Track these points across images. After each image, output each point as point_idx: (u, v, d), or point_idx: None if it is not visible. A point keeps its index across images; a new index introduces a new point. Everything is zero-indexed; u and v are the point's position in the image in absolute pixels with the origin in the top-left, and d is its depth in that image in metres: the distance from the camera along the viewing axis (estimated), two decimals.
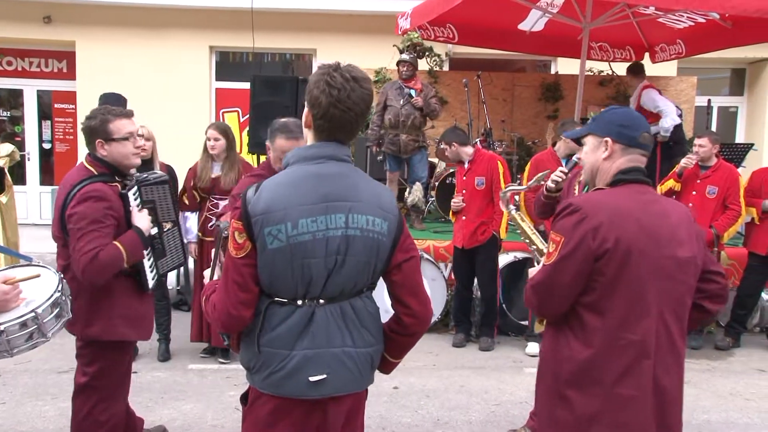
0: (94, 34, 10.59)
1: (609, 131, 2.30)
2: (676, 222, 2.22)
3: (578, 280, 2.14)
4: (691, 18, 7.63)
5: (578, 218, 2.14)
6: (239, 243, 2.01)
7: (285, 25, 10.57)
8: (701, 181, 6.00)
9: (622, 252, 2.10)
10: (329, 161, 2.06)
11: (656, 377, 2.17)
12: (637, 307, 2.13)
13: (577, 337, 2.19)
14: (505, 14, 8.03)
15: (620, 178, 2.26)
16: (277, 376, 2.04)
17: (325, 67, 2.04)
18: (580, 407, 2.17)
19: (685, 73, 10.43)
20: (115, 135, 3.07)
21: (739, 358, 5.97)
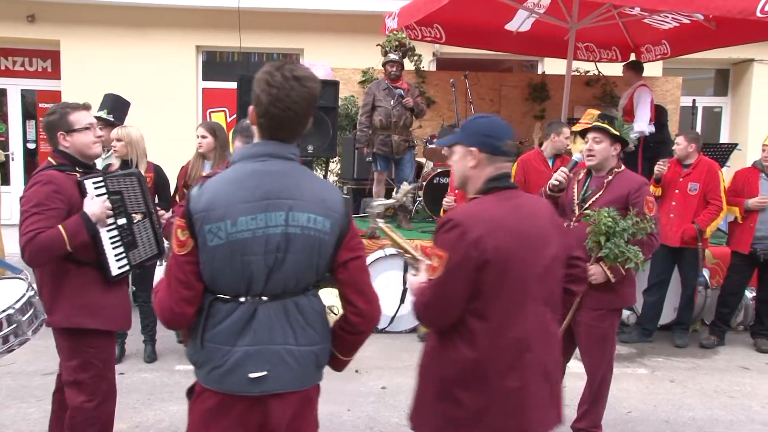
0: (79, 33, 10.52)
1: (475, 141, 2.40)
2: (542, 221, 2.40)
3: (466, 290, 2.26)
4: (676, 19, 7.69)
5: (460, 233, 2.24)
6: (182, 240, 2.03)
7: (272, 25, 10.55)
8: (683, 179, 6.07)
9: (501, 260, 2.25)
10: (272, 159, 2.08)
11: (544, 365, 2.37)
12: (517, 308, 2.29)
13: (462, 340, 2.30)
14: (492, 14, 8.05)
15: (492, 186, 2.39)
16: (219, 371, 2.06)
17: (270, 66, 2.07)
18: (470, 404, 2.31)
19: (670, 73, 10.52)
20: (76, 126, 3.14)
21: (723, 356, 6.03)
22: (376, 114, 7.09)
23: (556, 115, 8.06)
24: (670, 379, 5.37)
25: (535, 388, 2.33)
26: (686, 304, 6.27)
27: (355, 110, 8.86)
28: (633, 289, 3.90)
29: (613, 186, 3.77)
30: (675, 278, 6.27)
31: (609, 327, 3.78)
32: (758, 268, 6.15)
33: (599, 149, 3.81)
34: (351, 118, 8.80)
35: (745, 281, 6.24)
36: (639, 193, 3.71)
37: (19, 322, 2.85)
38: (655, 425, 4.49)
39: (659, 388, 5.15)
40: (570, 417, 4.08)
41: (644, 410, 4.72)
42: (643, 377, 5.39)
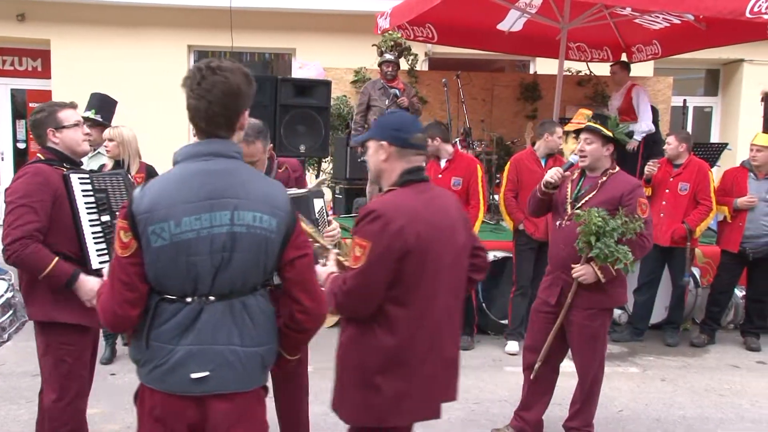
0: (70, 32, 10.47)
1: (385, 135, 2.52)
2: (452, 212, 2.57)
3: (387, 279, 2.37)
4: (667, 19, 7.74)
5: (383, 223, 2.35)
6: (125, 242, 2.01)
7: (264, 25, 10.53)
8: (674, 178, 6.09)
9: (421, 248, 2.39)
10: (216, 158, 2.06)
11: (451, 351, 2.58)
12: (433, 295, 2.46)
13: (382, 328, 2.41)
14: (484, 14, 8.08)
15: (407, 179, 2.50)
16: (161, 370, 2.04)
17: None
18: (390, 390, 2.42)
19: (661, 73, 10.57)
20: (65, 122, 3.17)
21: (713, 354, 6.06)
22: (371, 114, 7.10)
23: (548, 114, 8.09)
24: (661, 377, 5.40)
25: (442, 372, 2.52)
26: (677, 303, 6.30)
27: (347, 110, 8.86)
28: (624, 289, 3.92)
29: (607, 187, 3.77)
30: (665, 277, 6.30)
31: (600, 326, 3.79)
32: (747, 266, 6.19)
33: (590, 150, 3.82)
34: (343, 118, 8.79)
35: (735, 280, 6.28)
36: (632, 195, 3.72)
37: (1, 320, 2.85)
38: (646, 424, 4.51)
39: (650, 387, 5.17)
40: (561, 416, 4.11)
41: (635, 409, 4.75)
42: (634, 376, 5.41)
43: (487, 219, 7.81)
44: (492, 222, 7.66)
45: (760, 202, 5.98)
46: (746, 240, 6.02)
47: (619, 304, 3.98)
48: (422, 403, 2.48)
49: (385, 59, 7.17)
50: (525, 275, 5.79)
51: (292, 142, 6.20)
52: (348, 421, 2.55)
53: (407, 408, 2.44)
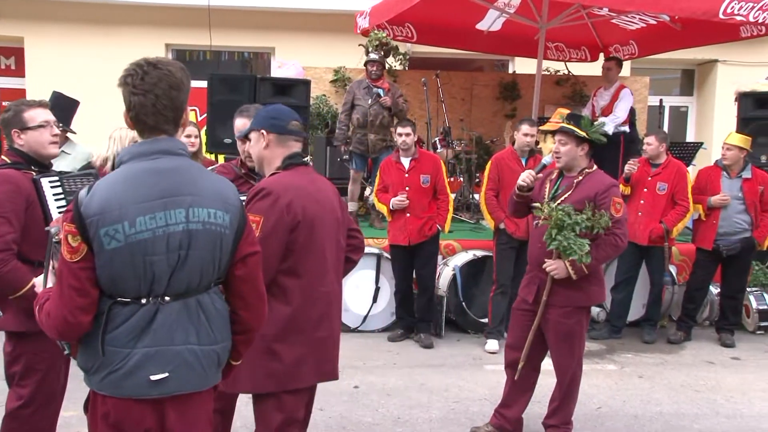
0: (44, 30, 10.31)
1: (263, 124, 2.73)
2: (330, 194, 2.81)
3: (280, 251, 2.58)
4: (643, 20, 7.83)
5: (273, 199, 2.56)
6: (73, 246, 1.93)
7: (243, 23, 10.46)
8: (652, 178, 6.16)
9: (308, 221, 2.61)
10: (164, 156, 2.03)
11: (337, 320, 2.82)
12: (322, 265, 2.68)
13: (277, 298, 2.58)
14: (464, 14, 8.10)
15: (289, 163, 2.72)
16: (116, 375, 1.97)
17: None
18: (289, 355, 2.61)
19: (638, 73, 10.68)
20: (30, 123, 3.08)
21: (690, 351, 6.14)
22: (354, 112, 7.11)
23: (527, 114, 8.13)
24: (639, 374, 5.46)
25: (334, 338, 2.77)
26: (654, 301, 6.38)
27: (326, 109, 8.85)
28: (602, 288, 3.95)
29: (582, 186, 3.81)
30: (643, 275, 6.37)
31: (576, 324, 3.82)
32: (722, 264, 6.29)
33: (565, 151, 3.86)
34: (323, 118, 8.78)
35: (710, 277, 6.37)
36: (606, 194, 3.75)
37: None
38: (624, 420, 4.56)
39: (628, 384, 5.23)
40: (541, 414, 4.14)
41: (613, 406, 4.80)
42: (612, 373, 5.47)
43: (467, 218, 7.86)
44: (472, 221, 7.70)
45: (733, 200, 6.08)
46: (720, 237, 6.11)
47: (596, 302, 4.01)
48: (319, 365, 2.70)
49: (370, 59, 7.18)
50: (505, 274, 5.83)
51: None
52: (250, 390, 2.67)
53: (306, 371, 2.65)
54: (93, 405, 2.05)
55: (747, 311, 6.72)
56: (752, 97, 7.14)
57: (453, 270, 6.24)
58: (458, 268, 6.23)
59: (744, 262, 6.26)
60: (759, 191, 6.12)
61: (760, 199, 6.13)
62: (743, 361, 5.90)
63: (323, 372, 2.74)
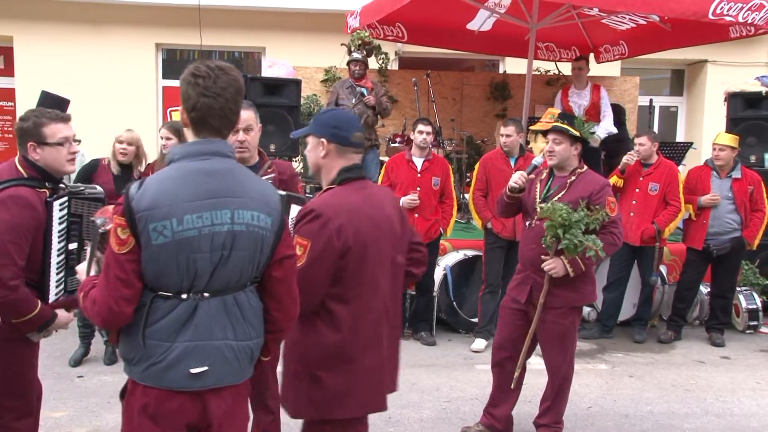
0: (34, 29, 10.24)
1: (324, 132, 2.56)
2: (389, 209, 2.62)
3: (328, 276, 2.43)
4: (633, 20, 7.86)
5: (322, 222, 2.41)
6: (122, 239, 2.00)
7: (233, 23, 10.42)
8: (644, 178, 6.18)
9: (360, 246, 2.45)
10: (214, 157, 2.10)
11: (391, 345, 2.63)
12: (374, 291, 2.51)
13: (324, 323, 2.47)
14: (454, 14, 8.10)
15: (345, 177, 2.55)
16: (158, 367, 2.05)
17: (191, 65, 2.13)
18: (332, 384, 2.48)
19: (628, 73, 10.71)
20: (49, 139, 2.91)
21: (680, 350, 6.17)
22: None
23: (518, 113, 8.15)
24: (630, 374, 5.48)
25: (384, 366, 2.57)
26: (645, 301, 6.40)
27: (317, 109, 8.82)
28: (594, 287, 3.96)
29: (576, 186, 3.82)
30: (633, 275, 6.39)
31: (570, 324, 3.84)
32: (712, 263, 6.32)
33: (559, 150, 3.86)
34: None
35: (700, 277, 6.39)
36: (601, 193, 3.77)
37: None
38: (615, 420, 4.57)
39: (619, 383, 5.25)
40: (531, 413, 4.15)
41: (604, 405, 4.81)
42: (603, 373, 5.48)
43: (458, 218, 7.85)
44: (463, 221, 7.70)
45: (723, 200, 6.11)
46: (710, 237, 6.14)
47: (589, 302, 4.04)
48: (366, 396, 2.54)
49: (353, 58, 7.16)
50: (494, 274, 5.84)
51: (262, 141, 6.00)
52: (292, 414, 2.61)
53: (350, 402, 2.50)
54: (132, 395, 2.12)
55: (737, 311, 6.75)
56: (741, 98, 7.19)
57: (444, 270, 6.24)
58: (449, 268, 6.23)
59: (734, 261, 6.30)
60: (749, 191, 6.15)
61: (750, 199, 6.17)
62: (733, 360, 5.93)
63: (370, 404, 2.59)
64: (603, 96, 7.84)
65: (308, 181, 8.31)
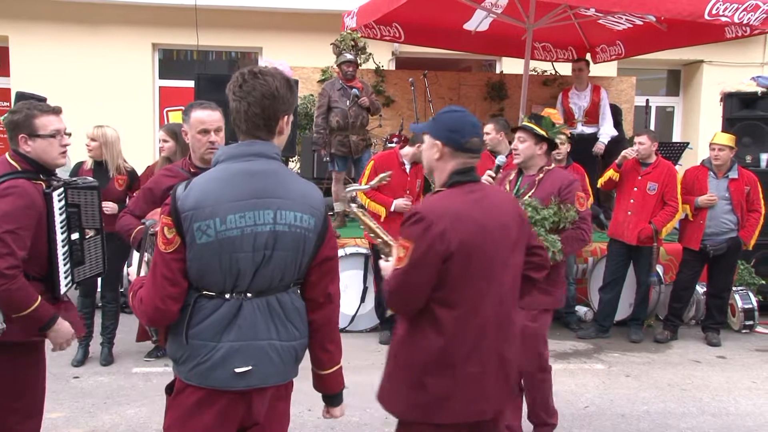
0: (29, 29, 10.22)
1: (440, 135, 2.49)
2: (505, 212, 2.52)
3: (430, 280, 2.36)
4: (629, 20, 7.86)
5: (425, 226, 2.34)
6: (168, 238, 2.06)
7: (230, 23, 10.42)
8: (642, 177, 6.18)
9: (465, 251, 2.36)
10: (258, 159, 2.13)
11: (500, 352, 2.49)
12: (480, 296, 2.42)
13: (431, 327, 2.42)
14: (451, 14, 8.10)
15: (456, 180, 2.48)
16: (204, 366, 2.09)
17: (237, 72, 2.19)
18: (435, 388, 2.42)
19: (624, 73, 10.73)
20: (41, 131, 2.91)
21: (676, 350, 6.18)
22: (332, 115, 7.02)
23: (514, 114, 8.15)
24: (626, 373, 5.48)
25: (490, 372, 2.45)
26: (641, 300, 6.41)
27: (314, 109, 8.81)
28: (562, 292, 3.98)
29: (544, 183, 3.85)
30: (630, 275, 6.40)
31: (541, 326, 3.87)
32: (708, 263, 6.33)
33: (523, 148, 3.91)
34: (310, 117, 8.72)
35: (696, 276, 6.41)
36: (570, 188, 3.80)
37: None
38: (612, 419, 4.58)
39: (616, 383, 5.25)
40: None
41: (601, 405, 4.82)
42: (600, 372, 5.49)
43: None
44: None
45: (720, 200, 6.12)
46: (707, 237, 6.15)
47: (558, 306, 4.03)
48: (466, 404, 2.44)
49: (346, 59, 7.09)
50: None
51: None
52: (396, 414, 2.57)
53: (453, 407, 2.43)
54: (179, 394, 2.16)
55: (732, 310, 6.77)
56: (737, 98, 7.21)
57: None
58: None
59: (730, 261, 6.32)
60: (745, 191, 6.17)
61: (747, 199, 6.18)
62: (729, 359, 5.94)
63: (474, 410, 2.47)
64: (603, 97, 7.87)
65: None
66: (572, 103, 8.04)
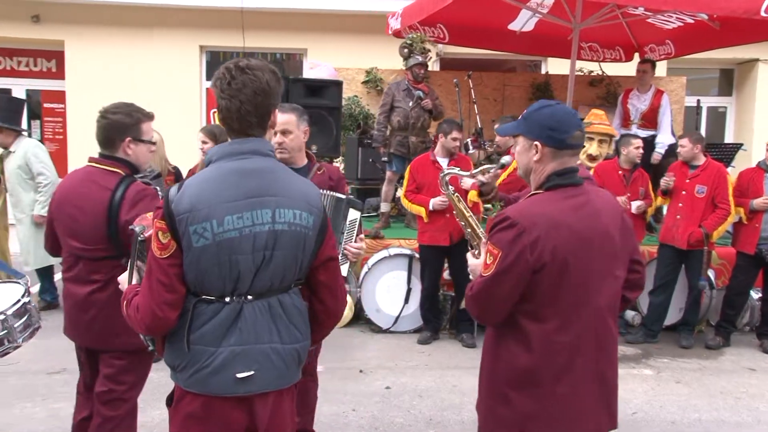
0: (83, 33, 10.53)
1: (538, 135, 2.27)
2: (607, 221, 2.27)
3: (515, 291, 2.18)
4: (680, 18, 7.67)
5: (516, 233, 2.15)
6: (163, 243, 1.98)
7: (275, 25, 10.55)
8: (690, 180, 6.04)
9: (559, 263, 2.15)
10: (252, 156, 2.06)
11: (600, 370, 2.27)
12: (574, 311, 2.20)
13: (516, 341, 2.24)
14: (496, 14, 8.04)
15: (555, 183, 2.26)
16: (203, 373, 2.02)
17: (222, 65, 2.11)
18: (519, 406, 2.25)
19: (674, 73, 10.49)
20: (144, 136, 2.95)
21: (729, 357, 6.00)
22: (394, 114, 7.09)
23: None
24: (676, 380, 5.35)
25: (584, 393, 2.25)
26: (692, 305, 6.24)
27: (358, 110, 8.87)
28: None
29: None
30: (681, 278, 6.25)
31: None
32: (763, 268, 6.13)
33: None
34: (354, 118, 8.80)
35: (751, 282, 6.21)
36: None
37: (10, 328, 2.80)
38: (662, 426, 4.47)
39: (665, 389, 5.13)
40: None
41: (650, 411, 4.71)
42: (648, 378, 5.37)
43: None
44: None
45: None
46: (763, 241, 5.96)
47: None
48: (555, 424, 2.25)
49: (418, 61, 7.14)
50: None
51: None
52: (480, 426, 2.45)
53: (537, 427, 2.25)
54: (179, 402, 2.09)
55: None
56: None
57: None
58: None
59: None
60: None
61: None
62: None
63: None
64: (663, 104, 7.70)
65: (349, 182, 8.35)
66: (630, 104, 7.89)
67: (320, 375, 3.61)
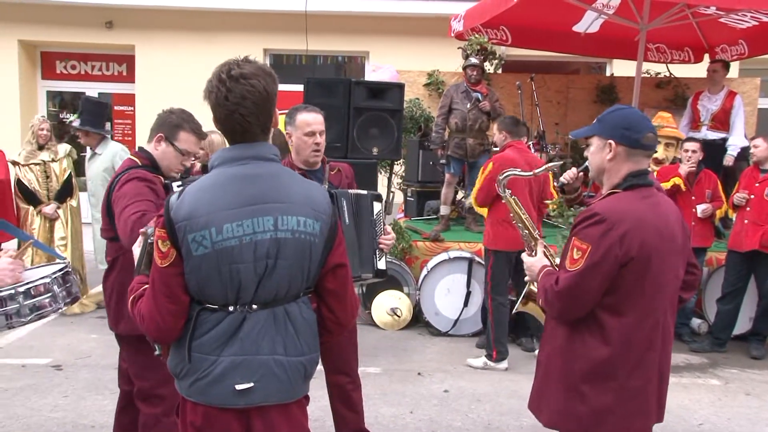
0: (153, 38, 10.90)
1: (612, 134, 2.37)
2: (674, 221, 2.38)
3: (603, 285, 2.26)
4: (755, 17, 7.40)
5: (605, 228, 2.24)
6: (164, 252, 1.93)
7: (338, 28, 10.67)
8: (760, 183, 5.84)
9: (644, 257, 2.25)
10: (254, 161, 1.99)
11: (660, 366, 2.38)
12: (651, 305, 2.31)
13: (593, 335, 2.31)
14: (560, 16, 7.93)
15: (632, 183, 2.35)
16: (203, 382, 1.97)
17: (215, 68, 2.05)
18: (596, 401, 2.32)
19: (747, 74, 10.12)
20: (178, 143, 3.03)
21: None
22: (452, 117, 7.09)
23: None
24: (746, 391, 5.17)
25: (652, 387, 2.35)
26: (763, 313, 6.01)
27: (420, 113, 8.88)
28: None
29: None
30: (751, 286, 6.04)
31: None
32: None
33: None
34: (416, 121, 8.82)
35: None
36: None
37: (54, 292, 2.92)
38: None
39: (733, 401, 4.96)
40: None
41: (717, 423, 4.56)
42: (715, 388, 5.20)
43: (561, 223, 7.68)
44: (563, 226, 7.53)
45: None
46: None
47: None
48: (627, 418, 2.34)
49: (471, 63, 7.13)
50: None
51: (365, 145, 6.25)
52: (550, 425, 2.48)
53: (612, 422, 2.32)
54: (182, 410, 2.06)
55: None
56: None
57: None
58: None
59: None
60: None
61: None
62: None
63: (634, 427, 2.37)
64: (736, 105, 7.45)
65: (409, 185, 8.38)
66: (701, 105, 7.66)
67: (378, 377, 3.64)
